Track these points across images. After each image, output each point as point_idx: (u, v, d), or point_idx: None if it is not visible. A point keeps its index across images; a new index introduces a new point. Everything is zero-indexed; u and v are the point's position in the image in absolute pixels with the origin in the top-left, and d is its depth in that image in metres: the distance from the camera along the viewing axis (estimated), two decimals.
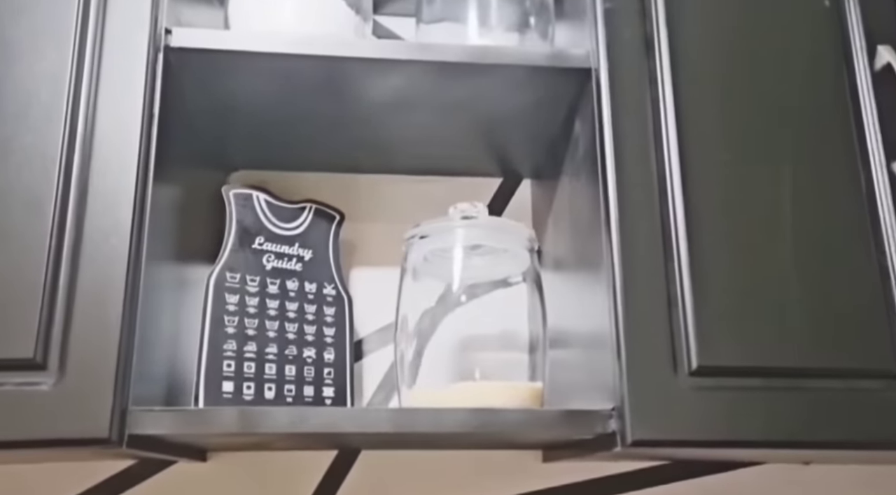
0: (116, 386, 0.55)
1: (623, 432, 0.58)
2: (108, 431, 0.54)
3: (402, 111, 0.79)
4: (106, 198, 0.59)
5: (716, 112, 0.66)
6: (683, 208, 0.63)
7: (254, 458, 0.83)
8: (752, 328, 0.60)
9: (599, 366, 0.66)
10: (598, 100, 0.67)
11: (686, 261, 0.62)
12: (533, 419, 0.61)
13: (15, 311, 0.55)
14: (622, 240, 0.62)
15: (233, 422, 0.57)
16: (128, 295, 0.57)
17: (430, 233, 0.73)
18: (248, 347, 0.75)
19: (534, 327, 0.73)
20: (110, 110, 0.61)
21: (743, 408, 0.58)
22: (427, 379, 0.74)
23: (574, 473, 0.86)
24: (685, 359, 0.60)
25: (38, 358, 0.55)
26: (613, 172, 0.64)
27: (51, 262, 0.56)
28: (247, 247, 0.78)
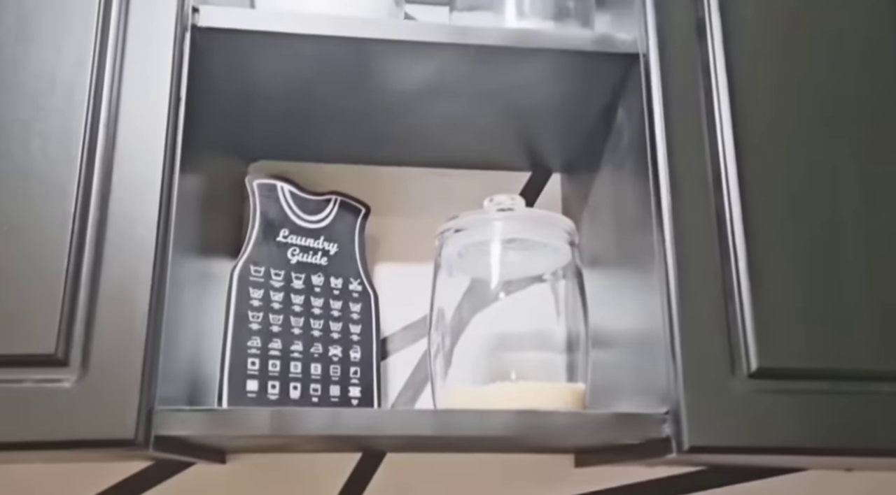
0: (143, 385, 0.51)
1: (679, 437, 0.55)
2: (135, 432, 0.50)
3: (431, 99, 0.76)
4: (132, 183, 0.55)
5: (772, 99, 0.63)
6: (740, 200, 0.60)
7: (275, 460, 0.79)
8: (816, 327, 0.57)
9: (646, 367, 0.62)
10: (648, 87, 0.63)
11: (743, 256, 0.58)
12: (582, 422, 0.58)
13: (35, 303, 0.52)
14: (675, 234, 0.59)
15: (266, 424, 0.54)
16: (155, 287, 0.54)
17: (467, 227, 0.69)
18: (272, 344, 0.71)
19: (574, 325, 0.70)
20: (136, 91, 0.58)
21: (808, 413, 0.55)
22: (460, 378, 0.70)
23: (608, 479, 0.82)
24: (744, 360, 0.56)
25: (60, 353, 0.51)
26: (665, 163, 0.60)
27: (73, 251, 0.53)
28: (271, 239, 0.75)
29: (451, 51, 0.67)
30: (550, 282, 0.71)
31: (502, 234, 0.69)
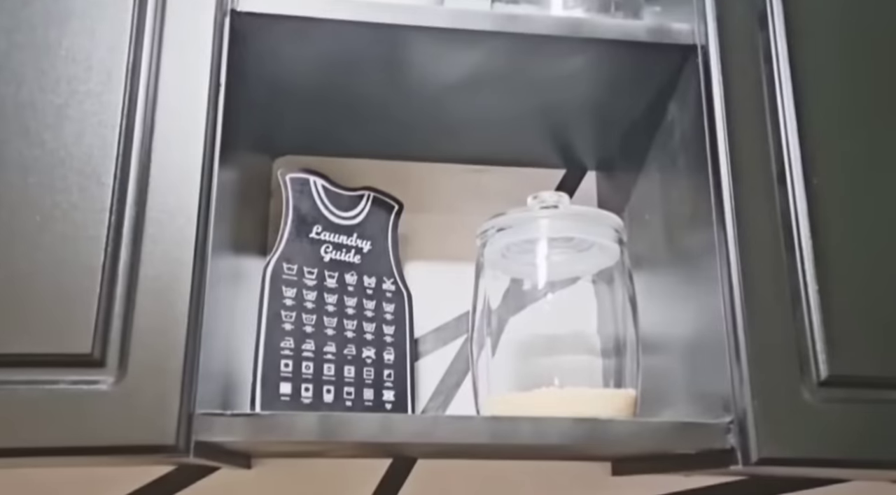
0: (183, 387, 0.48)
1: (745, 448, 0.52)
2: (175, 438, 0.47)
3: (469, 92, 0.73)
4: (171, 174, 0.53)
5: (837, 92, 0.60)
6: (805, 197, 0.57)
7: (302, 466, 0.76)
8: (890, 332, 0.54)
9: (701, 373, 0.60)
10: (707, 80, 0.60)
11: (810, 256, 0.56)
12: (644, 431, 0.55)
13: (69, 300, 0.49)
14: (739, 233, 0.56)
15: (313, 430, 0.51)
16: (195, 284, 0.51)
17: (511, 225, 0.66)
18: (306, 345, 0.68)
19: (622, 329, 0.67)
20: (175, 76, 0.55)
21: (881, 424, 0.53)
22: (503, 383, 0.67)
23: (645, 488, 0.79)
24: (813, 367, 0.54)
25: (96, 353, 0.48)
26: (727, 158, 0.58)
27: (110, 244, 0.50)
28: (304, 236, 0.72)
29: (497, 40, 0.65)
30: (597, 283, 0.69)
31: (548, 233, 0.67)
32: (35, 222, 0.50)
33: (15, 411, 0.47)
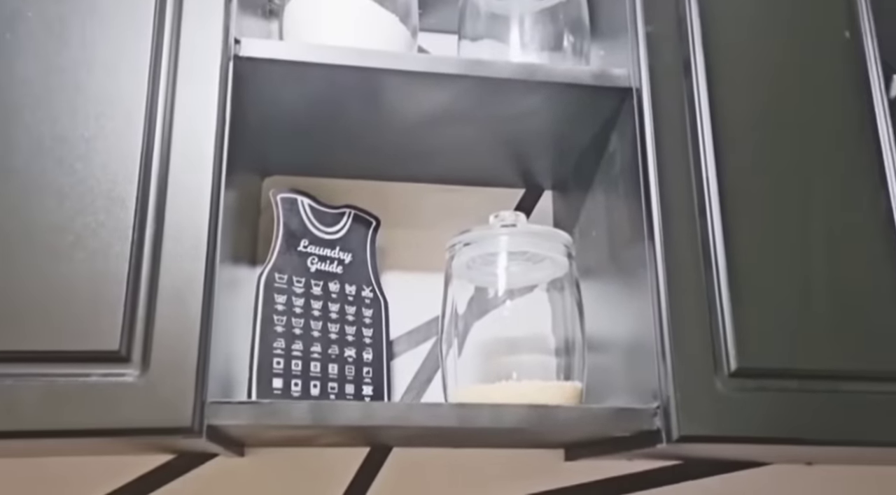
0: (198, 379, 0.57)
1: (669, 428, 0.63)
2: (192, 421, 0.56)
3: (439, 124, 0.83)
4: (184, 197, 0.61)
5: (750, 132, 0.71)
6: (721, 219, 0.68)
7: (290, 454, 0.85)
8: (787, 333, 0.65)
9: (635, 368, 0.70)
10: (641, 118, 0.71)
11: (724, 270, 0.66)
12: (587, 415, 0.65)
13: (100, 306, 0.57)
14: (666, 249, 0.67)
15: (305, 415, 0.60)
16: (206, 291, 0.60)
17: (475, 240, 0.76)
18: (295, 346, 0.78)
19: (571, 331, 0.77)
20: (186, 113, 0.64)
21: (779, 408, 0.63)
22: (468, 377, 0.77)
23: (595, 472, 0.90)
24: (724, 362, 0.64)
25: (123, 350, 0.57)
26: (656, 187, 0.68)
27: (133, 258, 0.59)
28: (293, 249, 0.81)
29: (464, 82, 0.75)
30: (550, 291, 0.79)
31: (507, 247, 0.77)
32: (69, 240, 0.58)
33: (54, 399, 0.55)
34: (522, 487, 0.88)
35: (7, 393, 0.55)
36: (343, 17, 0.76)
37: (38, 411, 0.55)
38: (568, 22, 0.85)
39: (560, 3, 0.84)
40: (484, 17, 0.84)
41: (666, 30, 0.73)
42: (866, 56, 0.76)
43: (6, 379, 0.55)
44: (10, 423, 0.55)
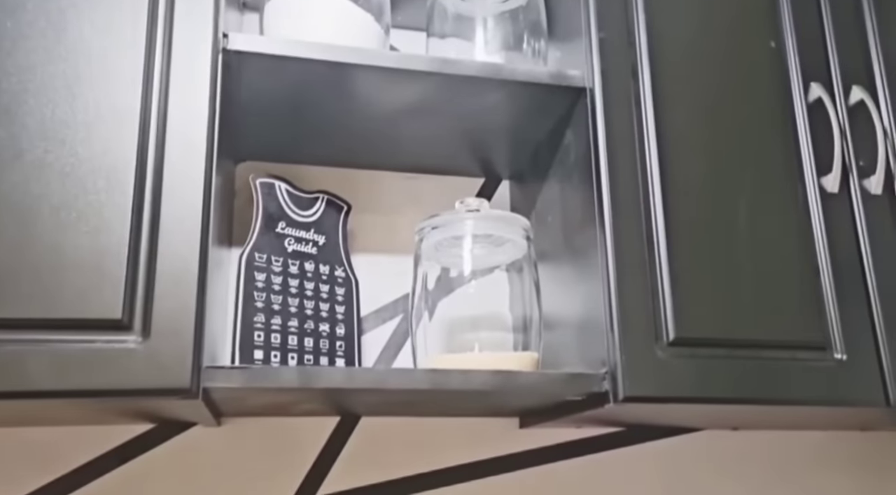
0: (195, 346, 0.63)
1: (615, 390, 0.71)
2: (190, 384, 0.62)
3: (407, 116, 0.89)
4: (179, 180, 0.66)
5: (689, 129, 0.80)
6: (663, 208, 0.76)
7: (264, 423, 0.91)
8: (718, 308, 0.74)
9: (586, 341, 0.78)
10: (594, 115, 0.79)
11: (665, 253, 0.75)
12: (544, 380, 0.73)
13: (104, 279, 0.62)
14: (614, 234, 0.75)
15: (294, 378, 0.66)
16: (201, 268, 0.65)
17: (443, 224, 0.83)
18: (274, 320, 0.83)
19: (529, 308, 0.85)
20: (180, 103, 0.69)
21: (711, 373, 0.73)
22: (435, 349, 0.84)
23: (546, 438, 0.98)
24: (664, 332, 0.73)
25: (125, 320, 0.62)
26: (607, 177, 0.77)
27: (132, 236, 0.64)
28: (271, 231, 0.87)
29: (432, 78, 0.81)
30: (510, 272, 0.86)
31: (472, 231, 0.84)
32: (73, 217, 0.63)
33: (61, 363, 0.60)
34: (481, 453, 0.96)
35: (17, 358, 0.59)
36: (321, 15, 0.81)
37: (47, 374, 0.60)
38: (528, 24, 0.92)
39: (520, 7, 0.92)
40: (450, 18, 0.91)
41: (616, 37, 0.82)
42: (789, 64, 0.85)
43: (16, 345, 0.60)
44: (20, 384, 0.59)
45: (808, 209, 0.81)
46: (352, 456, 0.92)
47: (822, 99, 0.84)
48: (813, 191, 0.81)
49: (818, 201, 0.81)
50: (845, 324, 0.77)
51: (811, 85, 0.85)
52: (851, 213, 0.81)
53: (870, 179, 0.82)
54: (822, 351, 0.76)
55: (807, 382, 0.75)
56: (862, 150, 0.84)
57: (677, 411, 0.83)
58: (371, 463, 0.93)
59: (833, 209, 0.81)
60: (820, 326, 0.77)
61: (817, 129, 0.83)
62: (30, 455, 0.84)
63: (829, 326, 0.77)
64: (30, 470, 0.84)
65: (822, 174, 0.82)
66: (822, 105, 0.84)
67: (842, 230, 0.80)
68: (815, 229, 0.80)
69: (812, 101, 0.84)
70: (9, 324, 0.60)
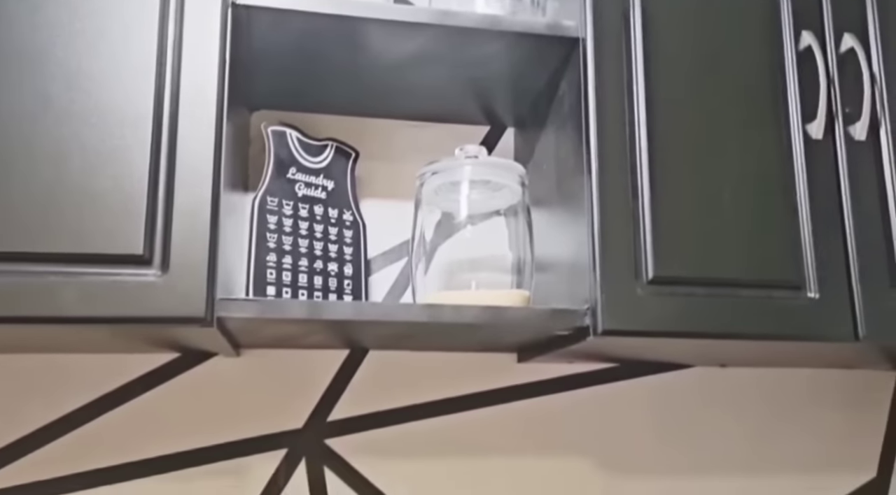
0: (209, 280, 0.70)
1: (595, 325, 0.77)
2: (205, 313, 0.69)
3: (412, 66, 0.93)
4: (193, 128, 0.72)
5: (678, 78, 0.83)
6: (648, 158, 0.80)
7: (280, 354, 0.98)
8: (697, 249, 0.79)
9: (574, 280, 0.83)
10: (585, 65, 0.83)
11: (648, 198, 0.80)
12: (531, 315, 0.79)
13: (126, 217, 0.69)
14: (600, 180, 0.79)
15: (302, 311, 0.73)
16: (213, 209, 0.71)
17: (442, 170, 0.88)
18: (285, 260, 0.90)
19: (523, 250, 0.90)
20: (193, 55, 0.74)
21: (688, 310, 0.78)
22: (434, 288, 0.90)
23: (542, 372, 1.05)
24: (644, 271, 0.78)
25: (146, 255, 0.69)
26: (595, 125, 0.81)
27: (151, 179, 0.70)
28: (282, 176, 0.93)
29: (434, 30, 0.85)
30: (506, 216, 0.91)
31: (469, 176, 0.89)
32: (99, 161, 0.69)
33: (91, 293, 0.67)
34: (481, 384, 1.03)
35: (50, 288, 0.67)
36: None
37: (76, 302, 0.67)
38: None
39: None
40: None
41: None
42: (781, 12, 0.87)
43: (49, 276, 0.67)
44: (53, 311, 0.67)
45: (792, 155, 0.84)
46: (360, 386, 1.00)
47: (811, 47, 0.86)
48: (797, 138, 0.84)
49: (802, 147, 0.84)
50: (820, 265, 0.81)
51: (802, 33, 0.87)
52: (835, 159, 0.84)
53: (855, 126, 0.85)
54: (797, 290, 0.80)
55: (780, 319, 0.79)
56: (850, 98, 0.86)
57: (659, 346, 0.89)
58: (378, 393, 1.00)
59: (816, 155, 0.84)
60: (796, 267, 0.81)
61: (806, 77, 0.86)
62: (65, 380, 0.93)
63: (805, 267, 0.81)
64: (65, 394, 0.92)
65: (807, 121, 0.85)
66: (812, 53, 0.86)
67: (824, 175, 0.84)
68: (796, 174, 0.83)
69: (802, 49, 0.87)
70: (43, 257, 0.67)
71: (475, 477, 1.00)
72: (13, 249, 0.67)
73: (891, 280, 0.82)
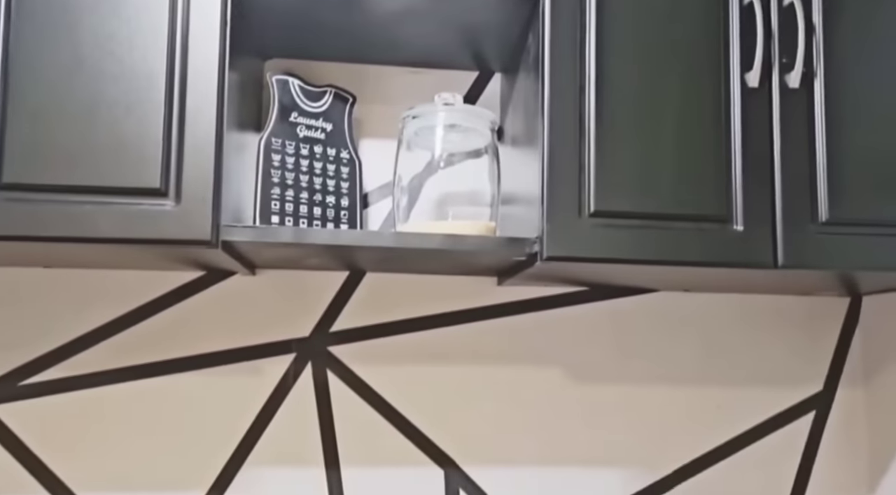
0: (214, 209, 0.85)
1: (542, 252, 0.89)
2: (210, 236, 0.84)
3: (407, 17, 1.04)
4: (198, 77, 0.86)
5: (627, 32, 0.92)
6: (596, 103, 0.91)
7: (289, 274, 1.14)
8: (635, 186, 0.90)
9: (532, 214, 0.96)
10: (543, 19, 0.93)
11: (594, 141, 0.90)
12: (487, 242, 0.92)
13: (146, 157, 0.84)
14: (551, 123, 0.91)
15: (290, 235, 0.88)
16: (217, 149, 0.86)
17: (420, 114, 1.01)
18: (287, 193, 1.05)
19: (491, 186, 1.03)
20: (198, 14, 0.87)
21: (625, 240, 0.89)
22: (415, 220, 1.04)
23: (519, 294, 1.18)
24: (587, 205, 0.90)
25: (162, 188, 0.84)
26: (548, 76, 0.91)
27: (165, 122, 0.85)
28: (285, 119, 1.07)
29: None
30: (477, 157, 1.04)
31: (445, 121, 1.01)
32: (123, 110, 0.84)
33: (115, 219, 0.83)
34: (464, 304, 1.17)
35: (89, 214, 0.83)
36: None
37: (110, 226, 0.83)
38: None
39: None
40: None
41: None
42: None
43: (88, 205, 0.83)
44: (91, 233, 0.83)
45: (730, 102, 0.93)
46: (358, 303, 1.16)
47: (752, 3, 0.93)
48: (735, 86, 0.93)
49: (739, 95, 0.93)
50: (747, 203, 0.91)
51: None
52: (769, 106, 0.93)
53: (790, 75, 0.93)
54: (724, 223, 0.91)
55: (707, 248, 0.90)
56: (789, 49, 0.94)
57: (605, 271, 1.00)
58: (374, 309, 1.16)
59: (752, 102, 0.93)
60: (725, 204, 0.91)
61: (748, 30, 0.94)
62: (105, 292, 1.11)
63: (733, 204, 0.91)
64: (105, 305, 1.11)
65: (746, 70, 0.93)
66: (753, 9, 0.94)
67: (758, 121, 0.93)
68: (732, 120, 0.93)
69: (746, 3, 0.94)
70: (79, 189, 0.83)
71: (457, 384, 1.16)
72: (57, 182, 0.83)
73: (811, 217, 0.92)
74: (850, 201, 0.93)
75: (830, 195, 0.93)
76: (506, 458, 1.16)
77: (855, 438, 1.22)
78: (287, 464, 1.12)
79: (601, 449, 1.18)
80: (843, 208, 0.93)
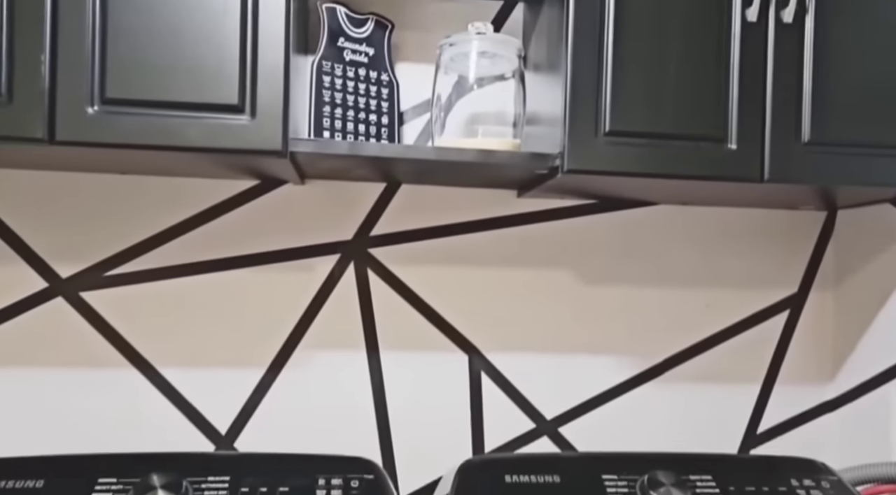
0: (283, 124, 0.99)
1: (563, 165, 1.04)
2: (281, 147, 0.99)
3: None
4: (268, 11, 0.99)
5: None
6: (613, 35, 1.04)
7: (334, 184, 1.29)
8: (646, 109, 1.04)
9: (554, 133, 1.10)
10: None
11: (610, 69, 1.04)
12: (515, 157, 1.07)
13: (226, 79, 0.97)
14: (574, 51, 1.04)
15: (346, 148, 1.02)
16: (285, 72, 0.99)
17: (455, 42, 1.14)
18: (337, 111, 1.18)
19: (517, 107, 1.16)
20: None
21: (634, 155, 1.04)
22: (449, 136, 1.18)
23: (536, 205, 1.34)
24: (603, 126, 1.04)
25: (240, 105, 0.98)
26: (573, 6, 1.04)
27: (240, 49, 0.98)
28: (334, 44, 1.19)
29: None
30: (505, 80, 1.17)
31: (477, 48, 1.14)
32: (204, 36, 0.97)
33: (202, 131, 0.97)
34: (487, 213, 1.33)
35: (180, 126, 0.97)
36: None
37: (198, 136, 0.97)
38: None
39: None
40: None
41: None
42: None
43: (177, 119, 0.97)
44: (184, 142, 0.97)
45: (730, 36, 1.06)
46: (394, 211, 1.31)
47: None
48: (736, 21, 1.06)
49: (739, 29, 1.06)
50: (741, 125, 1.05)
51: None
52: (765, 39, 1.06)
53: (785, 10, 1.06)
54: (720, 142, 1.06)
55: (703, 164, 1.05)
56: None
57: (615, 183, 1.15)
58: (408, 217, 1.31)
59: (750, 35, 1.06)
60: (723, 125, 1.06)
61: None
62: (174, 197, 1.26)
63: (728, 126, 1.06)
64: (175, 209, 1.26)
65: (746, 6, 1.06)
66: None
67: (754, 53, 1.06)
68: (731, 52, 1.06)
69: None
70: (171, 104, 0.97)
71: (479, 282, 1.33)
72: (150, 98, 0.96)
73: (795, 137, 1.06)
74: (831, 124, 1.07)
75: (814, 118, 1.07)
76: (521, 346, 1.34)
77: (822, 333, 1.41)
78: (334, 348, 1.30)
79: (602, 339, 1.36)
80: (825, 130, 1.07)
